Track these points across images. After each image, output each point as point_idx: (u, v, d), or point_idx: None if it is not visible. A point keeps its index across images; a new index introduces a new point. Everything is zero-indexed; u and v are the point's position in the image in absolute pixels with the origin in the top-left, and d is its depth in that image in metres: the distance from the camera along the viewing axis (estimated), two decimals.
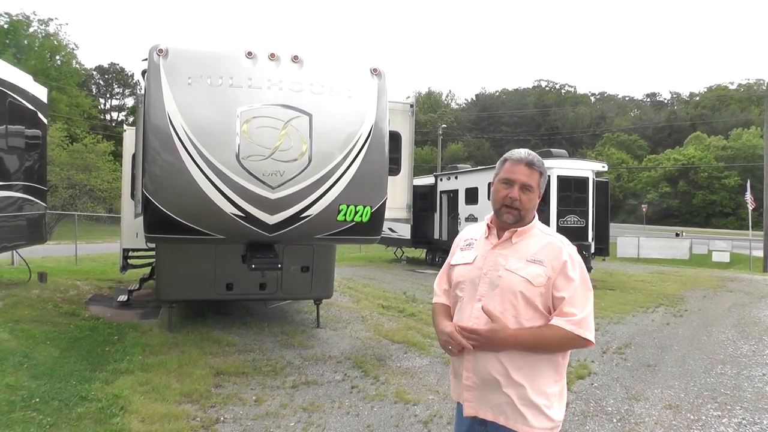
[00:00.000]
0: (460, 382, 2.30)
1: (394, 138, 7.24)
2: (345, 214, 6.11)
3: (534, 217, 2.32)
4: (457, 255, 2.45)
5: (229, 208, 5.70)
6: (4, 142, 8.63)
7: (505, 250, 2.27)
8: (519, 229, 2.28)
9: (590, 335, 2.14)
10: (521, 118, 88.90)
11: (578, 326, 2.11)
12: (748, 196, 25.57)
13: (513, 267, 2.21)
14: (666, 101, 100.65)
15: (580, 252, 2.30)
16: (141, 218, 6.05)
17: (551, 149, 16.84)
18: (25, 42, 46.83)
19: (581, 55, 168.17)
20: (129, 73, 70.22)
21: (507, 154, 2.35)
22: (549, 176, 2.13)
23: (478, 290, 2.25)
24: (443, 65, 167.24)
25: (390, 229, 18.98)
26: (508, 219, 2.27)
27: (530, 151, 2.33)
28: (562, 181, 14.64)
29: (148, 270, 10.38)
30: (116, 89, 73.24)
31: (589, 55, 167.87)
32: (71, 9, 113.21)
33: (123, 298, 9.86)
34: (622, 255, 25.21)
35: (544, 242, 2.24)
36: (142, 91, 5.95)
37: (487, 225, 2.37)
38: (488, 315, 2.17)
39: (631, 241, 26.95)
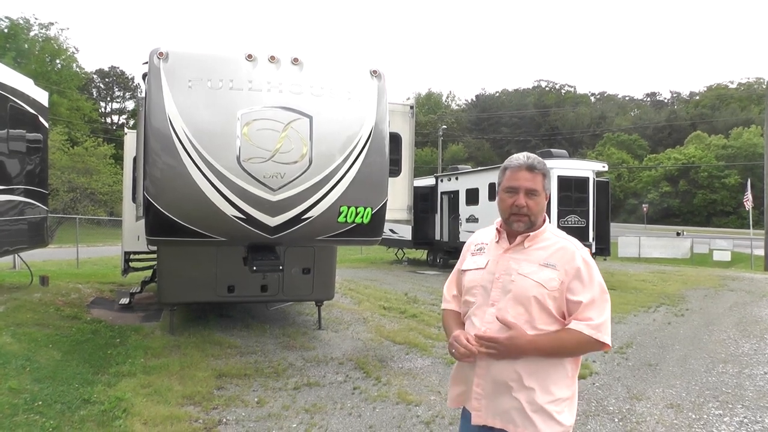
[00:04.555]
0: (469, 389, 2.25)
1: (395, 139, 7.26)
2: (346, 216, 6.12)
3: (545, 221, 2.29)
4: (468, 260, 2.40)
5: (230, 211, 5.72)
6: (5, 146, 8.65)
7: (517, 254, 2.24)
8: (531, 233, 2.24)
9: (608, 339, 2.14)
10: (521, 118, 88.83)
11: (597, 330, 2.10)
12: (748, 195, 25.48)
13: (526, 271, 2.18)
14: (666, 101, 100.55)
15: None
16: (142, 221, 6.07)
17: (551, 149, 16.86)
18: (26, 46, 46.87)
19: (581, 55, 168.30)
20: (129, 77, 70.37)
21: (507, 162, 2.31)
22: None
23: (491, 295, 2.22)
24: (443, 66, 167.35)
25: (391, 231, 18.99)
26: (519, 227, 2.24)
27: (530, 155, 2.28)
28: (563, 181, 14.65)
29: (149, 273, 10.39)
30: (117, 92, 73.33)
31: (588, 55, 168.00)
32: (71, 12, 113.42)
33: (125, 301, 9.87)
34: (623, 255, 25.18)
35: (557, 246, 2.21)
36: (143, 95, 5.97)
37: (497, 229, 2.34)
38: (504, 323, 2.13)
39: (632, 240, 26.91)
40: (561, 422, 2.14)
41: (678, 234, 37.93)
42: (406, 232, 19.09)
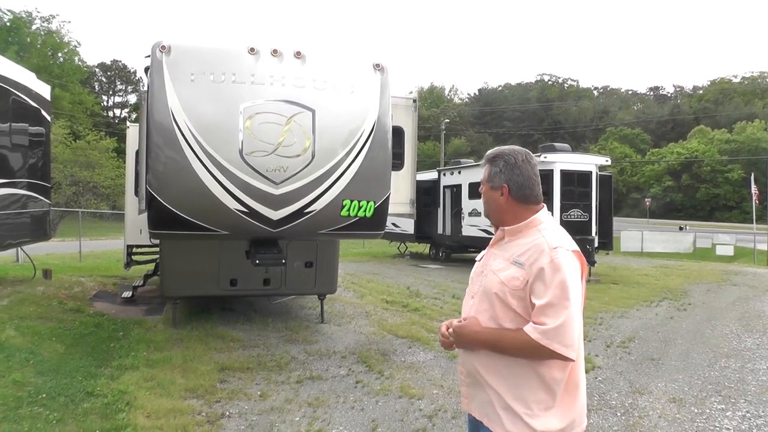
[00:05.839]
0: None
1: (397, 133, 7.24)
2: (348, 210, 6.12)
3: (532, 215, 2.19)
4: None
5: (232, 204, 5.72)
6: (8, 139, 8.66)
7: (498, 249, 2.25)
8: (507, 228, 2.22)
9: (563, 349, 1.94)
10: (524, 112, 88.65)
11: (545, 336, 1.94)
12: (754, 189, 25.37)
13: (495, 268, 2.17)
14: (669, 95, 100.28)
15: (583, 246, 2.26)
16: (145, 215, 6.07)
17: (554, 144, 16.78)
18: (28, 39, 46.88)
19: (584, 49, 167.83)
20: (132, 70, 70.37)
21: None
22: (515, 159, 2.00)
23: (473, 288, 2.28)
24: (446, 60, 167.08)
25: (393, 224, 18.97)
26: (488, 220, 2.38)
27: (493, 150, 2.37)
28: (566, 175, 14.61)
29: (152, 266, 10.41)
30: (119, 86, 73.38)
31: (592, 49, 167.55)
32: (73, 6, 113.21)
33: (127, 294, 9.89)
34: (625, 249, 25.12)
35: (533, 243, 2.09)
36: (145, 88, 5.97)
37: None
38: (464, 315, 2.24)
39: (634, 235, 26.85)
40: (531, 425, 2.02)
41: (681, 228, 37.89)
42: (408, 226, 19.07)
